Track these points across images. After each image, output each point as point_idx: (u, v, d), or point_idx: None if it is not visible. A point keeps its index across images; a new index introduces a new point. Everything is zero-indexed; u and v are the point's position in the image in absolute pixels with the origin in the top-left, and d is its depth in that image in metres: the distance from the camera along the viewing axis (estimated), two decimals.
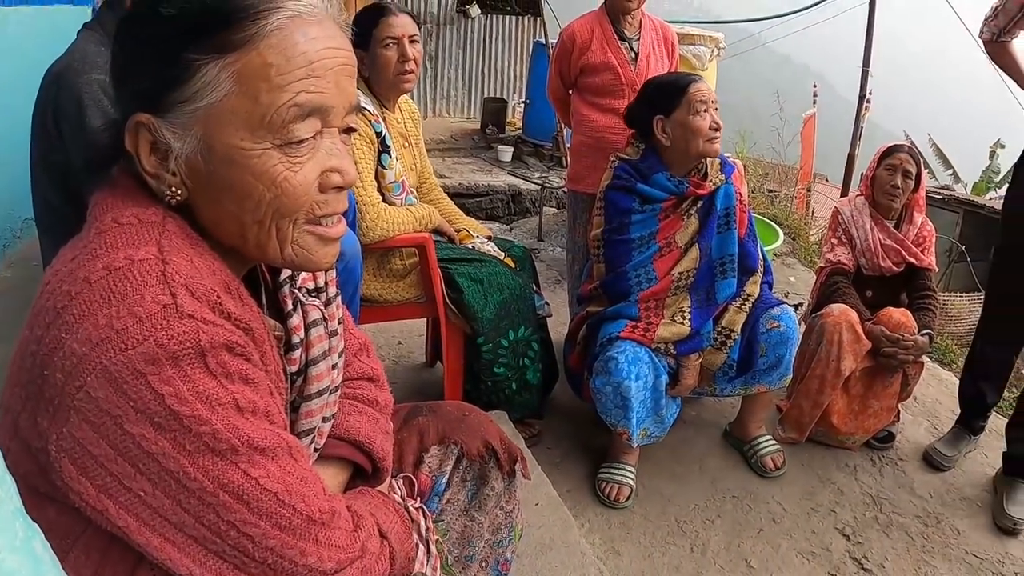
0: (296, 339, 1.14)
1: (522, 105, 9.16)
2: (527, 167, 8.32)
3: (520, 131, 9.11)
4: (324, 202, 1.02)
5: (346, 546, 1.01)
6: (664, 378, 2.78)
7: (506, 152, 8.55)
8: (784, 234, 5.96)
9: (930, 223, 3.40)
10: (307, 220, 1.01)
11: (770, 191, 9.32)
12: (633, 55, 3.49)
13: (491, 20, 10.82)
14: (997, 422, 3.47)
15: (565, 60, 3.56)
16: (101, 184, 1.03)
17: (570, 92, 3.68)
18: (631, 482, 2.85)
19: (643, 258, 2.81)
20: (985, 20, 3.05)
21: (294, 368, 1.14)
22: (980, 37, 3.10)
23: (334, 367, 1.22)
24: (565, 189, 3.93)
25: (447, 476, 1.48)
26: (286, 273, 1.18)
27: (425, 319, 3.48)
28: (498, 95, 10.64)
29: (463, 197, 7.04)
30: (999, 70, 3.16)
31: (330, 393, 1.21)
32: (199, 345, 0.88)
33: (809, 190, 10.24)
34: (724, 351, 2.84)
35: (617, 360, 2.64)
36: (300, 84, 0.95)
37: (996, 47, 3.06)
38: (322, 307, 1.22)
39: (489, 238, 3.18)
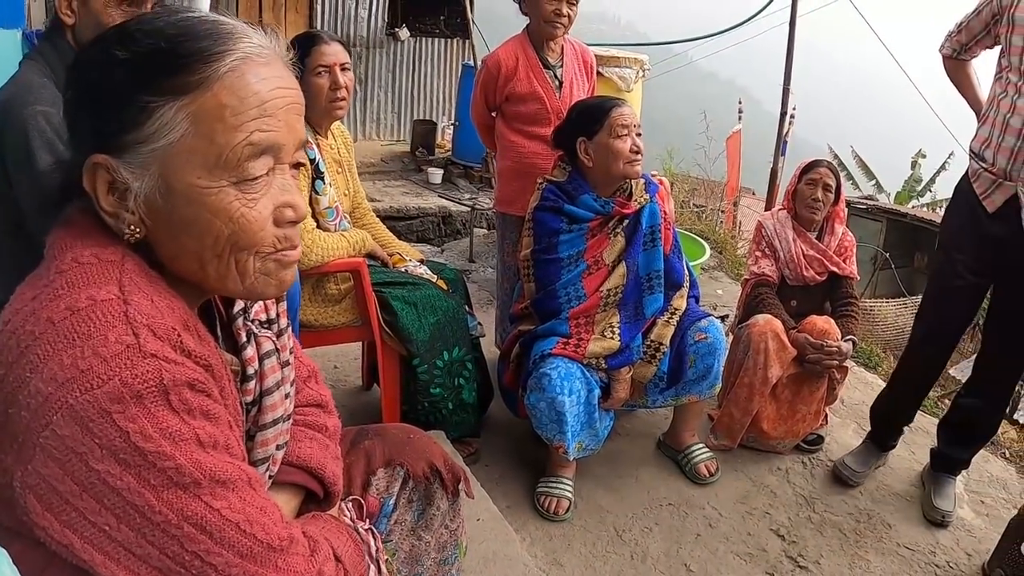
0: (251, 370, 1.18)
1: (452, 127, 9.21)
2: (457, 189, 8.38)
3: (450, 153, 9.16)
4: (283, 236, 1.05)
5: (304, 571, 1.04)
6: (596, 392, 2.85)
7: (436, 174, 8.60)
8: (711, 248, 6.11)
9: (850, 234, 3.55)
10: (269, 254, 1.04)
11: (698, 206, 9.52)
12: (558, 83, 3.52)
13: (420, 43, 10.87)
14: (920, 419, 3.64)
15: (491, 87, 3.54)
16: (56, 222, 1.04)
17: (493, 115, 3.70)
18: (569, 495, 2.91)
19: (572, 276, 2.88)
20: (948, 35, 3.12)
21: (249, 398, 1.18)
22: (940, 51, 3.16)
23: (287, 396, 1.26)
24: (495, 210, 3.96)
25: (394, 497, 1.52)
26: (239, 305, 1.21)
27: (361, 342, 3.50)
28: (428, 117, 10.69)
29: (394, 220, 7.07)
30: (955, 87, 3.21)
31: (283, 421, 1.24)
32: (162, 383, 0.90)
33: (736, 204, 10.47)
34: (654, 364, 2.92)
35: (550, 376, 2.70)
36: (254, 124, 0.99)
37: (955, 64, 3.15)
38: (274, 338, 1.25)
39: (421, 261, 3.22)
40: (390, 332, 2.85)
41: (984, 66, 3.15)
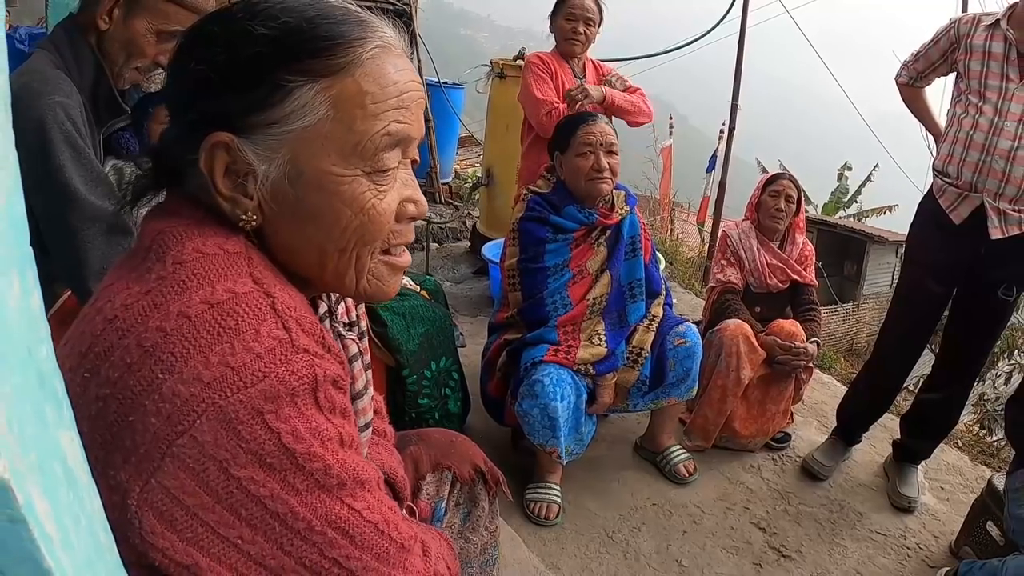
0: None
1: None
2: None
3: None
4: (399, 231, 1.02)
5: (423, 571, 1.02)
6: (584, 397, 2.93)
7: None
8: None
9: (810, 243, 3.73)
10: (382, 250, 1.01)
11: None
12: None
13: None
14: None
15: (547, 74, 3.88)
16: (152, 211, 0.98)
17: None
18: (558, 499, 2.98)
19: (558, 285, 2.96)
20: (904, 64, 3.31)
21: None
22: (897, 80, 3.35)
23: (371, 399, 1.25)
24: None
25: (444, 501, 1.54)
26: (324, 307, 1.15)
27: None
28: None
29: None
30: (913, 114, 3.42)
31: (371, 426, 1.24)
32: (314, 380, 0.86)
33: (672, 217, 10.70)
34: (637, 368, 3.02)
35: (543, 383, 2.77)
36: (392, 114, 0.96)
37: (911, 91, 3.34)
38: (358, 341, 1.23)
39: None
40: (379, 343, 2.88)
41: (934, 92, 3.39)
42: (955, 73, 3.12)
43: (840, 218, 17.16)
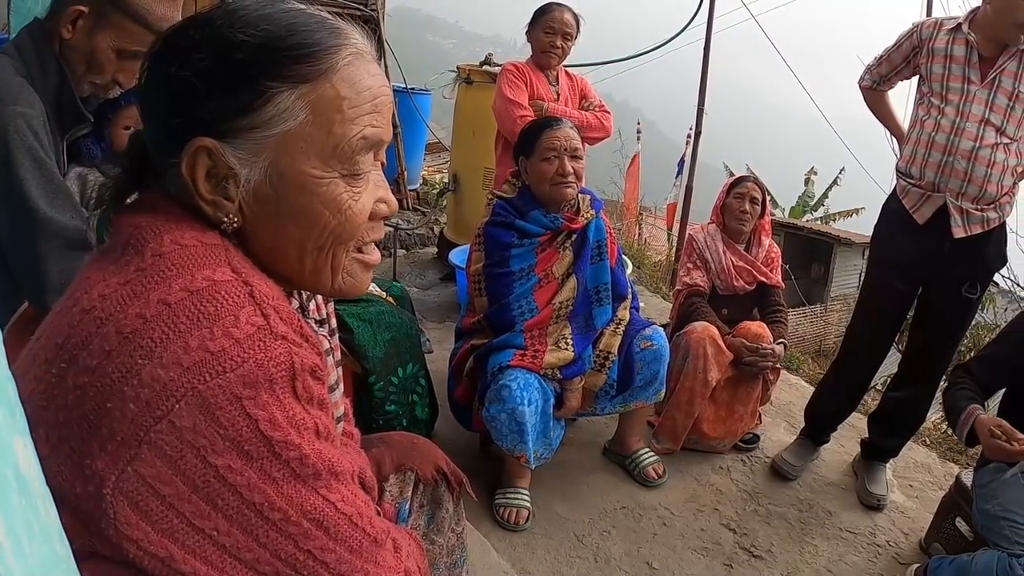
0: None
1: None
2: None
3: None
4: (372, 228, 1.05)
5: (394, 567, 1.03)
6: (552, 402, 2.91)
7: None
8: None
9: (776, 245, 3.75)
10: (356, 248, 1.04)
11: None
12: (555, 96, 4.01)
13: None
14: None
15: (522, 82, 3.97)
16: (131, 207, 1.00)
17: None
18: (528, 504, 2.96)
19: (524, 290, 2.95)
20: (868, 68, 3.35)
21: None
22: (860, 84, 3.40)
23: (342, 396, 1.26)
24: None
25: (408, 502, 1.54)
26: (296, 303, 1.16)
27: None
28: None
29: None
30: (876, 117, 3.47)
31: (342, 421, 1.24)
32: (292, 368, 0.87)
33: (640, 222, 10.73)
34: (604, 372, 3.01)
35: (510, 387, 2.76)
36: (368, 118, 0.99)
37: (874, 95, 3.39)
38: (328, 337, 1.25)
39: None
40: (345, 349, 2.85)
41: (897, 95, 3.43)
42: (918, 76, 3.17)
43: (808, 221, 17.35)
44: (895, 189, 3.18)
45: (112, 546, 0.83)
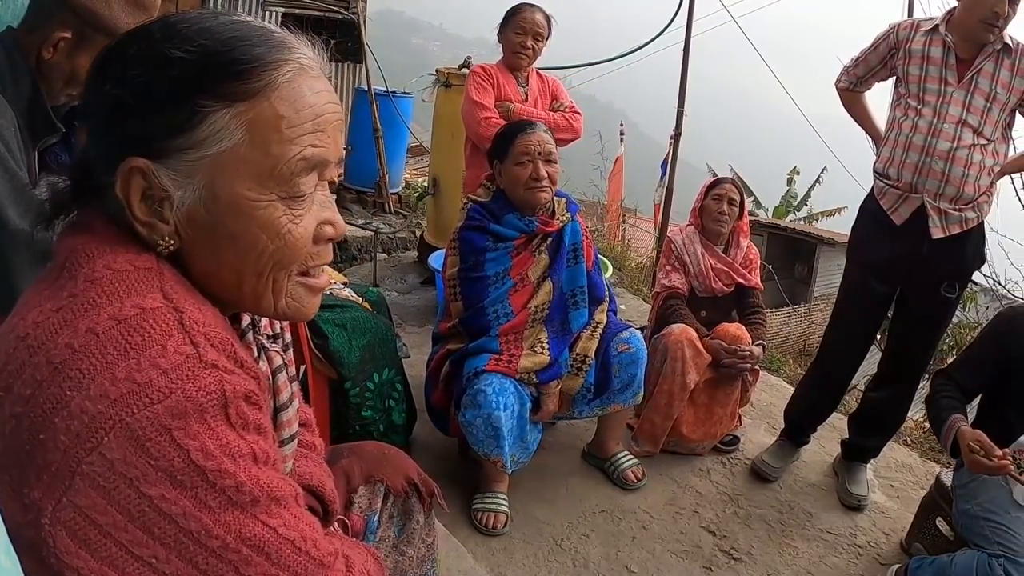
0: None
1: (344, 151, 9.10)
2: (351, 214, 8.26)
3: (341, 178, 9.05)
4: (316, 254, 1.02)
5: None
6: (528, 406, 2.90)
7: None
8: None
9: (755, 247, 3.74)
10: (299, 272, 1.01)
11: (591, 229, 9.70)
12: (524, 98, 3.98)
13: None
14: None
15: (489, 84, 3.97)
16: (69, 228, 0.98)
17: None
18: (506, 509, 2.94)
19: (499, 294, 2.93)
20: (844, 70, 3.35)
21: None
22: (837, 85, 3.39)
23: (297, 411, 1.22)
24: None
25: (378, 514, 1.52)
26: (247, 320, 1.13)
27: None
28: None
29: None
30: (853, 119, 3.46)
31: (295, 438, 1.21)
32: (223, 396, 0.85)
33: (623, 223, 10.72)
34: (581, 376, 3.00)
35: (485, 392, 2.74)
36: (308, 138, 0.95)
37: (850, 96, 3.38)
38: (282, 352, 1.21)
39: (345, 284, 3.21)
40: (320, 356, 2.83)
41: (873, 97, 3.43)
42: (895, 77, 3.16)
43: (791, 221, 17.43)
44: (872, 190, 3.18)
45: (53, 573, 0.82)
